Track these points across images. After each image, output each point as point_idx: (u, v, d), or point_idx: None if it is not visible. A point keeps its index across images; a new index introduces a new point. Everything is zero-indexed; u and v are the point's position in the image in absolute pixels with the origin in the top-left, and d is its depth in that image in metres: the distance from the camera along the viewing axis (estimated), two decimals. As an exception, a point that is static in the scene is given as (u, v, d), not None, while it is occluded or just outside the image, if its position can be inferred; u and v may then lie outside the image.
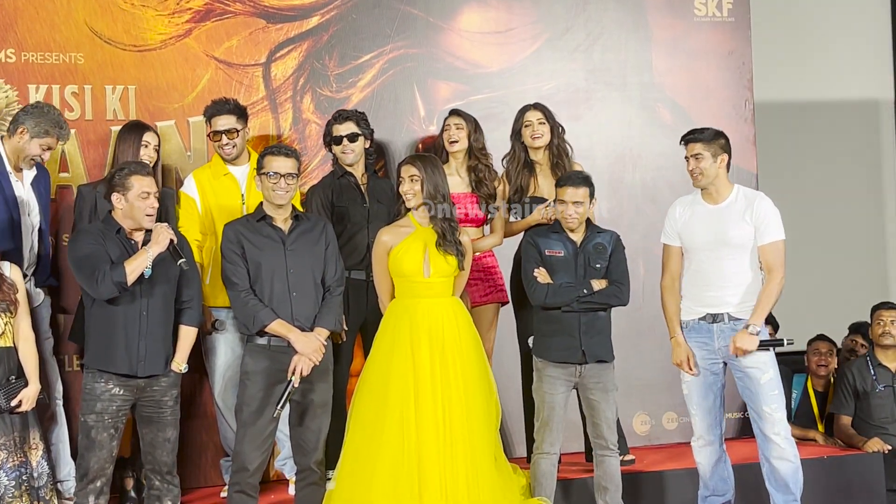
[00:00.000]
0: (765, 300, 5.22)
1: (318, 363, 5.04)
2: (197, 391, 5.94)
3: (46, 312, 5.51)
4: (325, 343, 5.12)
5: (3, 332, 5.03)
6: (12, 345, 5.06)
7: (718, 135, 5.32)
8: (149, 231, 4.99)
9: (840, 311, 7.84)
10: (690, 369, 5.30)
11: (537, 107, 5.96)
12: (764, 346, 5.22)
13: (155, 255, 4.88)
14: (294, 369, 5.00)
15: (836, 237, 9.25)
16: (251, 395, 5.04)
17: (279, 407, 4.99)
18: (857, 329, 7.62)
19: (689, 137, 5.32)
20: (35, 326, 5.23)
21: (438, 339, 5.16)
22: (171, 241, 4.93)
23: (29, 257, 5.38)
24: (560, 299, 5.30)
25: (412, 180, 5.22)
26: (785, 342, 5.28)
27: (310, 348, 5.02)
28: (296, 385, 5.01)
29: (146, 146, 5.48)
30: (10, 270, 5.11)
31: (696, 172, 5.28)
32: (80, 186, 5.61)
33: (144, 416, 5.04)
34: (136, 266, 4.85)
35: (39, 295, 5.46)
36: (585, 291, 5.29)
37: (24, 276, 5.26)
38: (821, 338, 7.24)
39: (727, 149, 5.32)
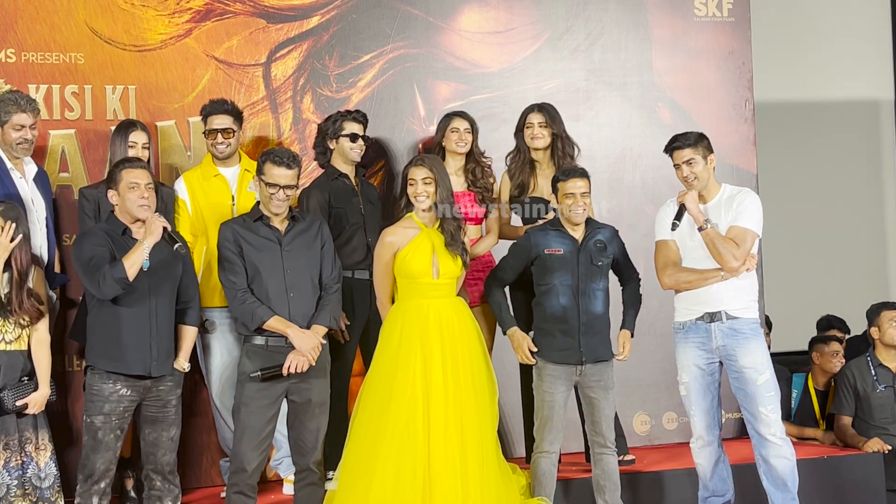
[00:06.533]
0: (720, 238, 5.14)
1: (314, 362, 5.04)
2: (197, 391, 5.93)
3: (52, 316, 5.48)
4: (323, 341, 5.12)
5: (18, 336, 5.01)
6: (27, 348, 5.04)
7: (702, 136, 5.31)
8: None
9: (840, 311, 7.82)
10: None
11: (541, 109, 5.94)
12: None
13: (151, 245, 4.85)
14: (289, 367, 4.99)
15: (836, 237, 9.26)
16: (248, 396, 5.03)
17: (260, 373, 4.98)
18: (830, 324, 7.63)
19: (675, 145, 5.28)
20: None
21: (449, 340, 5.15)
22: (165, 228, 4.89)
23: (40, 255, 5.35)
24: (491, 300, 5.48)
25: (426, 182, 5.20)
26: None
27: (307, 346, 5.02)
28: (284, 374, 4.99)
29: (132, 146, 5.44)
30: (34, 275, 5.06)
31: (690, 178, 5.25)
32: (82, 189, 5.56)
33: (149, 416, 5.03)
34: (135, 260, 4.82)
35: (51, 298, 5.44)
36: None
37: None
38: (831, 337, 7.24)
39: (711, 148, 5.32)
